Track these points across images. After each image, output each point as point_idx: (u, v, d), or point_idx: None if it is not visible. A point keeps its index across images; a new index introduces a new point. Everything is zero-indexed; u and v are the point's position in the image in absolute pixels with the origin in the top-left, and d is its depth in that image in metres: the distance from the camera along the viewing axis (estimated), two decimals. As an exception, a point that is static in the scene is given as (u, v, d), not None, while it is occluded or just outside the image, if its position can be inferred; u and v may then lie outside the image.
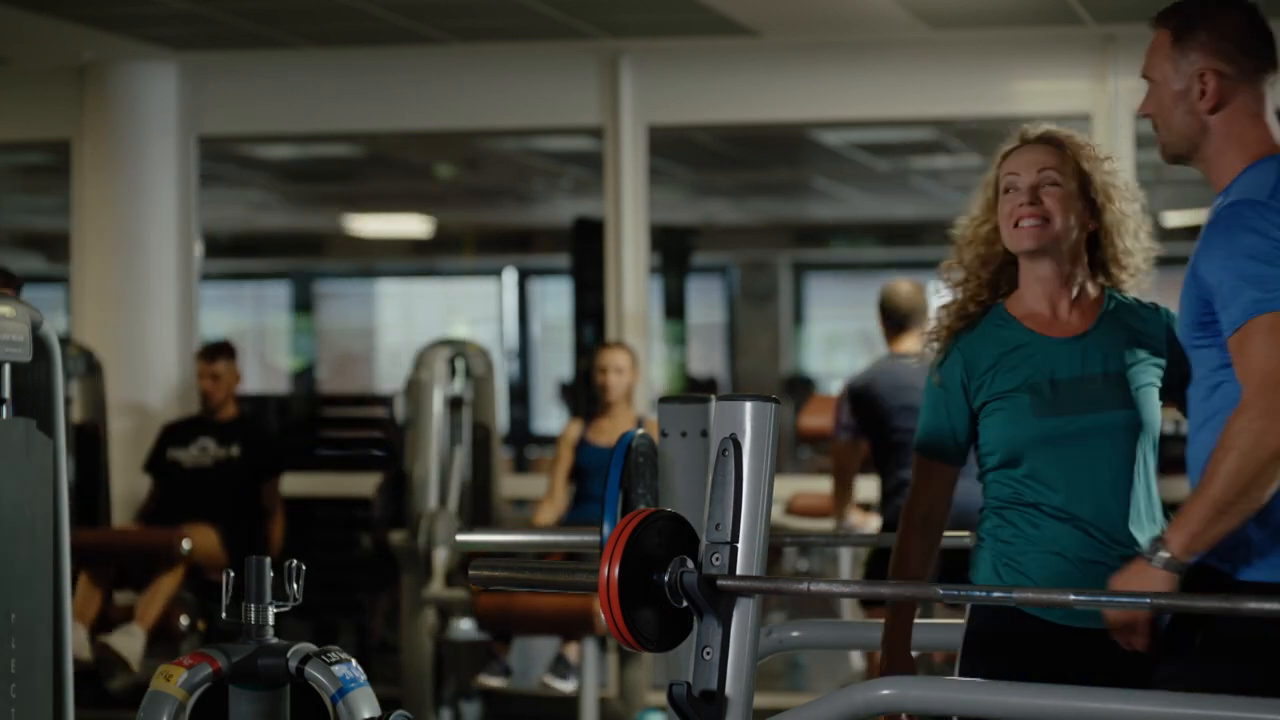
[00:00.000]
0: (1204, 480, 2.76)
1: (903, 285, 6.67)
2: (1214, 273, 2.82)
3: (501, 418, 8.30)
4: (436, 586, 7.16)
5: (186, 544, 7.40)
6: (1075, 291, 3.28)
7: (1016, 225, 3.29)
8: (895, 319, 6.59)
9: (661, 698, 5.81)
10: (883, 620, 3.30)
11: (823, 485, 7.81)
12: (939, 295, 3.41)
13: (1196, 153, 2.99)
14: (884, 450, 6.47)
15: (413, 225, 15.20)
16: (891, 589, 2.89)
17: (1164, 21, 3.00)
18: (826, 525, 7.55)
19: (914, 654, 3.30)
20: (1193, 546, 2.79)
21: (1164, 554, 2.79)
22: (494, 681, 7.33)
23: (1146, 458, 3.22)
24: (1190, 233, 3.46)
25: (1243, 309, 2.77)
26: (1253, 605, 2.76)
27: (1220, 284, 2.80)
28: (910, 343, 6.58)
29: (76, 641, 7.23)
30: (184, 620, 7.46)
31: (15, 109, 8.97)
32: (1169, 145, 3.01)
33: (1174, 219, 12.18)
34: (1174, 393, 3.22)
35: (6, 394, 3.50)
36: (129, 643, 7.17)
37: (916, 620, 3.34)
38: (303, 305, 17.05)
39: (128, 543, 7.63)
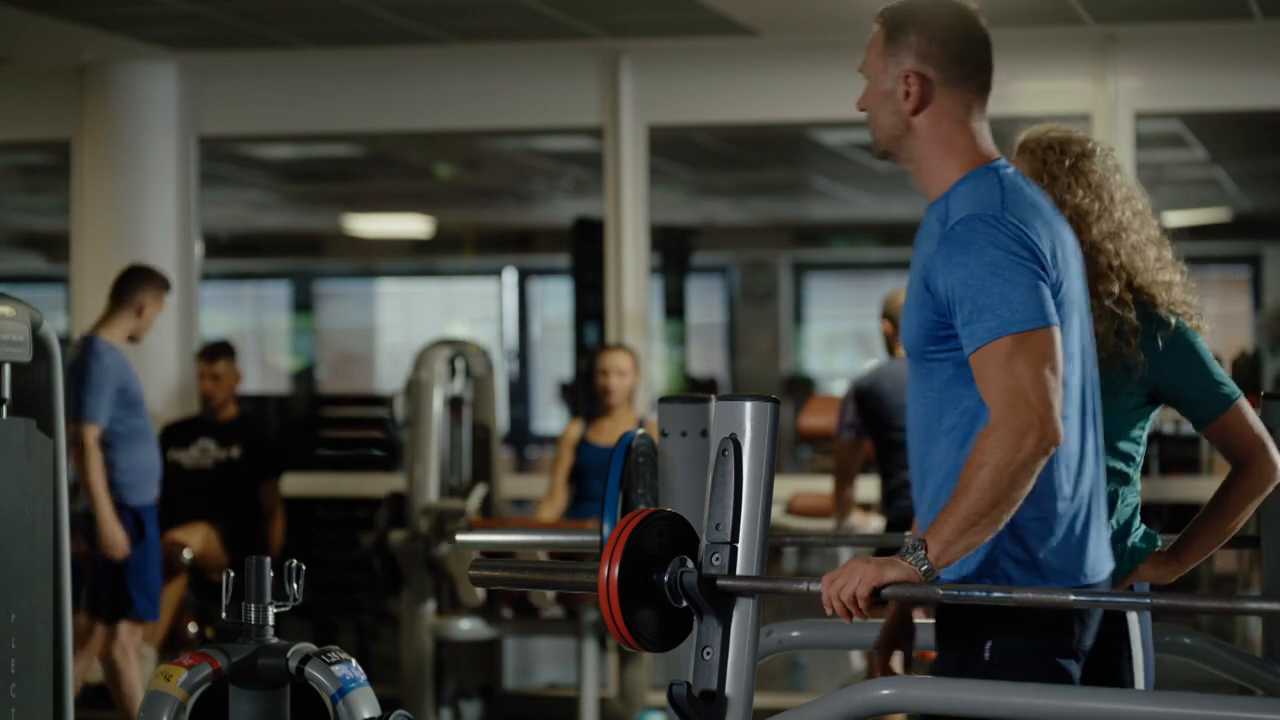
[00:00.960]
0: (957, 494, 2.78)
1: (904, 293, 6.68)
2: (955, 288, 2.84)
3: (501, 418, 8.30)
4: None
5: (188, 554, 7.40)
6: None
7: None
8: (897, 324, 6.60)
9: (661, 698, 5.81)
10: (884, 620, 3.29)
11: (823, 485, 7.80)
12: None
13: (903, 152, 3.01)
14: (887, 450, 6.48)
15: (413, 225, 15.21)
16: (892, 589, 2.88)
17: (880, 19, 3.05)
18: (826, 525, 7.54)
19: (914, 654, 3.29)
20: (945, 556, 2.79)
21: (921, 554, 2.79)
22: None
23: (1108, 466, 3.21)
24: (1192, 233, 3.44)
25: (987, 329, 2.80)
26: (1252, 606, 2.76)
27: (962, 301, 2.83)
28: None
29: (89, 669, 7.23)
30: (192, 628, 7.46)
31: (15, 109, 8.97)
32: (877, 141, 3.03)
33: (1174, 219, 12.19)
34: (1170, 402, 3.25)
35: (6, 394, 3.50)
36: (142, 667, 7.17)
37: (917, 620, 3.33)
38: (303, 305, 17.05)
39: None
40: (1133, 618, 3.11)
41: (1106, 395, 3.14)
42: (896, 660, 3.20)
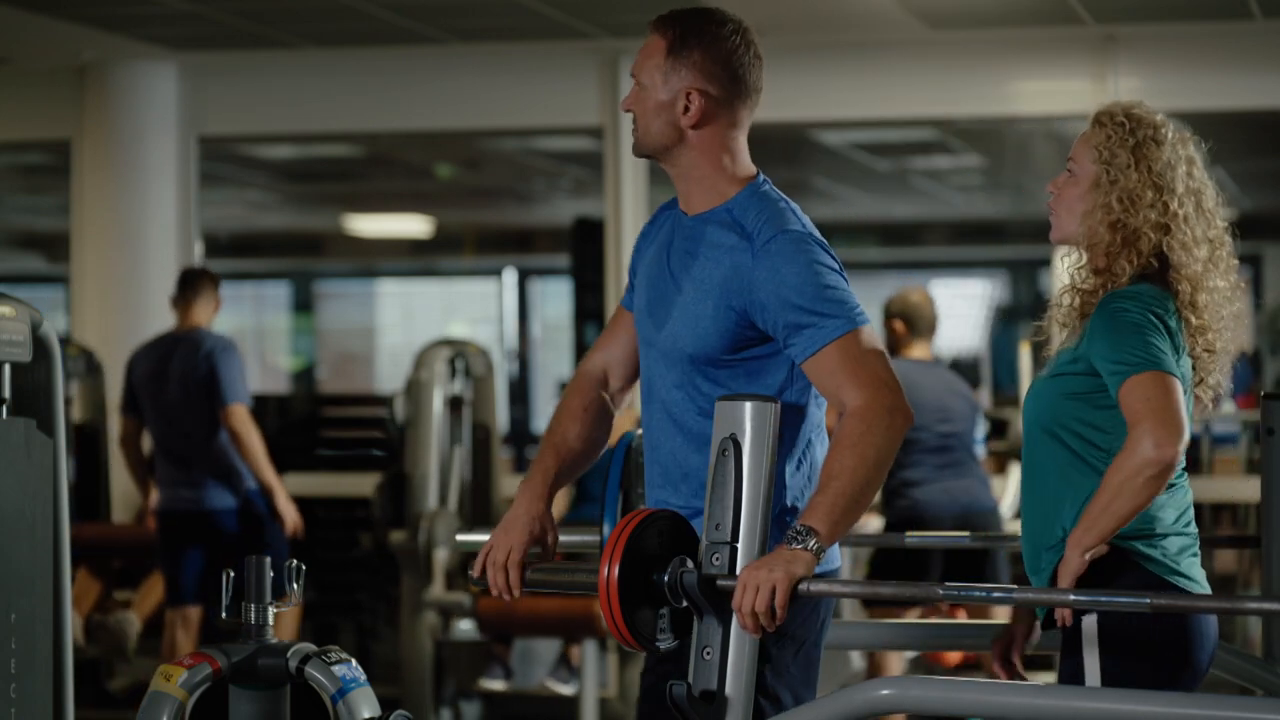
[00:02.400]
0: (837, 477, 2.87)
1: (916, 294, 6.59)
2: (786, 297, 2.97)
3: (501, 418, 8.29)
4: (437, 590, 7.15)
5: None
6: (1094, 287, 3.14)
7: None
8: (918, 327, 6.52)
9: (661, 698, 5.80)
10: (884, 620, 3.29)
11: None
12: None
13: (671, 159, 3.13)
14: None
15: (413, 225, 15.21)
16: (892, 589, 2.88)
17: (662, 29, 3.14)
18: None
19: (913, 654, 3.30)
20: (832, 537, 2.87)
21: (814, 541, 2.84)
22: (495, 684, 7.32)
23: (1056, 456, 3.13)
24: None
25: (833, 329, 2.96)
26: (1252, 606, 2.76)
27: (794, 308, 2.97)
28: (920, 350, 6.55)
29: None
30: None
31: (15, 109, 8.97)
32: (640, 145, 3.14)
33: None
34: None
35: (6, 394, 3.50)
36: (124, 625, 7.19)
37: (917, 620, 3.34)
38: (303, 305, 17.06)
39: (127, 538, 7.64)
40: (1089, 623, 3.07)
41: (1055, 378, 3.12)
42: (1016, 661, 3.25)
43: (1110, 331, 3.04)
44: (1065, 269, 3.19)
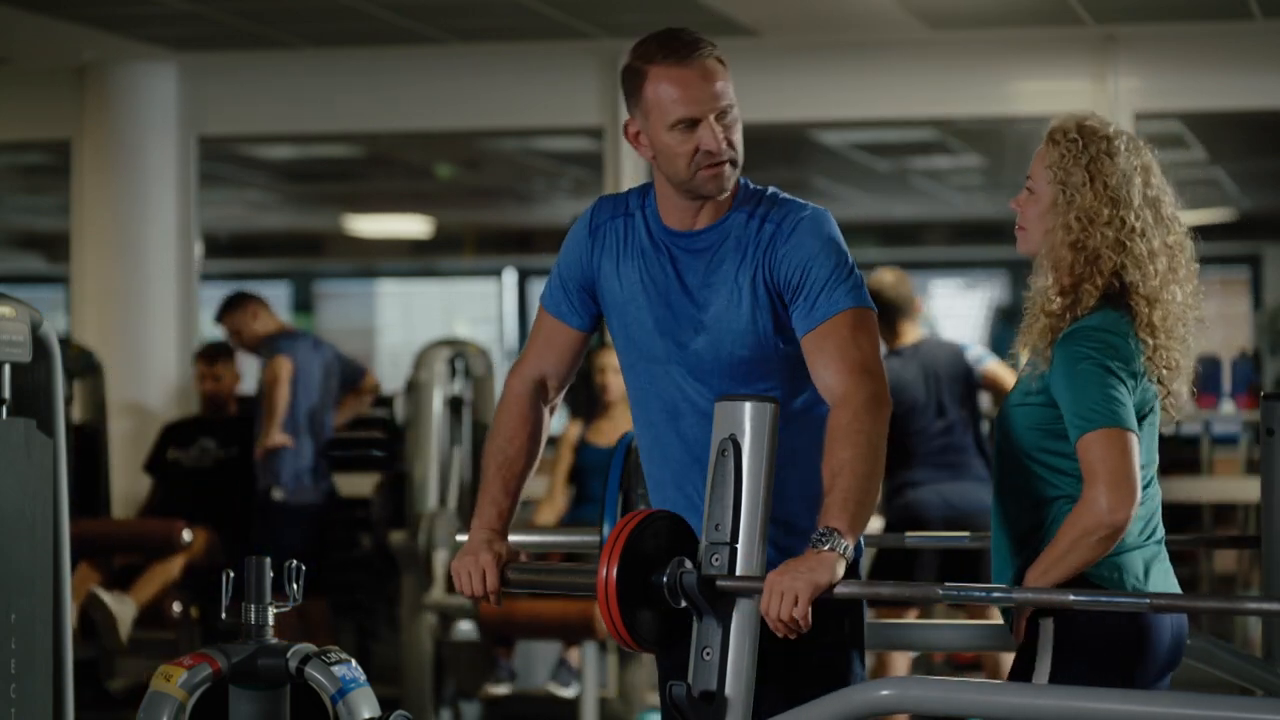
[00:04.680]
0: (837, 474, 2.89)
1: (886, 275, 6.58)
2: (809, 267, 3.03)
3: (501, 418, 8.27)
4: (437, 591, 7.15)
5: (187, 534, 7.40)
6: (1056, 307, 3.11)
7: None
8: (885, 313, 6.51)
9: (661, 698, 5.80)
10: (884, 621, 3.29)
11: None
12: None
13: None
14: (888, 450, 6.46)
15: (413, 225, 15.21)
16: (891, 589, 2.88)
17: (720, 58, 3.39)
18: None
19: (914, 654, 3.29)
20: (855, 533, 2.88)
21: (839, 540, 2.83)
22: (500, 689, 7.32)
23: (1032, 481, 3.11)
24: (1192, 233, 3.37)
25: (840, 299, 3.02)
26: (1252, 606, 2.76)
27: (815, 277, 3.03)
28: (905, 334, 6.55)
29: None
30: (176, 606, 7.43)
31: (15, 109, 8.97)
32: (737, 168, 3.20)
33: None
34: None
35: (6, 394, 3.50)
36: (120, 607, 7.17)
37: (916, 620, 3.33)
38: (303, 305, 17.05)
39: (128, 532, 7.64)
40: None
41: (1019, 408, 3.11)
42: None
43: (1070, 377, 3.03)
44: (1033, 289, 3.16)
